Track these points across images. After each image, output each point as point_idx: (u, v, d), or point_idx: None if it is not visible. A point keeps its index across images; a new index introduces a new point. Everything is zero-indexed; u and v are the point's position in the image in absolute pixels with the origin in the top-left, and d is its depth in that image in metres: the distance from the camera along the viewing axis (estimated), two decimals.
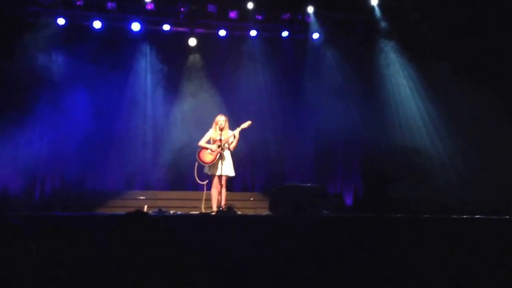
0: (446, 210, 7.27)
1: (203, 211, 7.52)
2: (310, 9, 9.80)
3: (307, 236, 4.98)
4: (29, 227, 2.09)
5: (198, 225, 5.40)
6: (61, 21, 9.18)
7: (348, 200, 9.85)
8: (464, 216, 6.19)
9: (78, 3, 9.17)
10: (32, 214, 6.13)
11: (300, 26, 10.11)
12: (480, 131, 8.82)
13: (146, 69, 9.80)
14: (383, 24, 9.88)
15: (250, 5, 9.48)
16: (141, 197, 8.76)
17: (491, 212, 6.67)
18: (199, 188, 8.03)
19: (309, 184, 7.53)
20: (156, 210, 7.12)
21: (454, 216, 6.12)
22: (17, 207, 7.79)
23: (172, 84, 9.79)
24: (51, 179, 9.20)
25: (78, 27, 9.40)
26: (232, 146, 7.57)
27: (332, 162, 10.29)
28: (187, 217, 6.46)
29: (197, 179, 7.62)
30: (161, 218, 5.64)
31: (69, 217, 5.66)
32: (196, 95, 9.65)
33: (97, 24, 9.32)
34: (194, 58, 9.95)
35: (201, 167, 7.65)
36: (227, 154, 7.61)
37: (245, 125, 7.56)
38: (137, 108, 9.68)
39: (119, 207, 8.11)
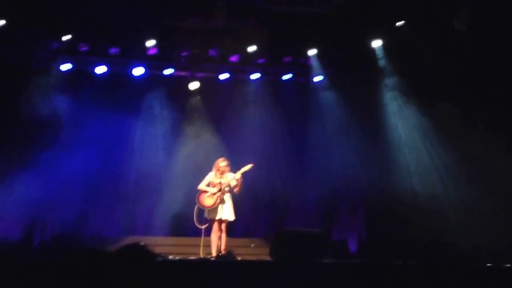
0: (454, 255, 6.98)
1: (202, 257, 7.31)
2: (312, 52, 9.82)
3: (308, 283, 4.79)
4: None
5: (197, 270, 5.22)
6: (65, 66, 9.27)
7: (352, 247, 9.52)
8: (474, 265, 5.90)
9: (82, 49, 9.30)
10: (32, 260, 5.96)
11: (302, 69, 10.11)
12: (490, 172, 8.60)
13: (148, 113, 9.78)
14: (386, 64, 9.81)
15: (251, 49, 9.54)
16: (140, 244, 8.52)
17: (503, 258, 6.39)
18: (199, 234, 7.83)
19: (311, 229, 7.32)
20: None
21: (462, 264, 5.83)
22: (16, 253, 7.62)
23: (173, 127, 9.76)
24: (51, 226, 9.06)
25: (82, 72, 9.51)
26: (236, 190, 7.46)
27: (336, 206, 10.00)
28: (185, 263, 6.27)
29: (196, 223, 7.45)
30: (160, 263, 5.47)
31: None
32: (197, 138, 9.58)
33: (100, 69, 9.42)
34: (196, 101, 9.95)
35: (200, 211, 7.50)
36: (227, 197, 7.47)
37: (247, 168, 7.46)
38: (137, 152, 9.61)
39: None
